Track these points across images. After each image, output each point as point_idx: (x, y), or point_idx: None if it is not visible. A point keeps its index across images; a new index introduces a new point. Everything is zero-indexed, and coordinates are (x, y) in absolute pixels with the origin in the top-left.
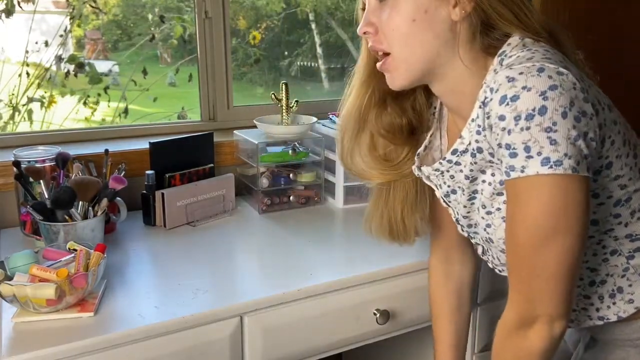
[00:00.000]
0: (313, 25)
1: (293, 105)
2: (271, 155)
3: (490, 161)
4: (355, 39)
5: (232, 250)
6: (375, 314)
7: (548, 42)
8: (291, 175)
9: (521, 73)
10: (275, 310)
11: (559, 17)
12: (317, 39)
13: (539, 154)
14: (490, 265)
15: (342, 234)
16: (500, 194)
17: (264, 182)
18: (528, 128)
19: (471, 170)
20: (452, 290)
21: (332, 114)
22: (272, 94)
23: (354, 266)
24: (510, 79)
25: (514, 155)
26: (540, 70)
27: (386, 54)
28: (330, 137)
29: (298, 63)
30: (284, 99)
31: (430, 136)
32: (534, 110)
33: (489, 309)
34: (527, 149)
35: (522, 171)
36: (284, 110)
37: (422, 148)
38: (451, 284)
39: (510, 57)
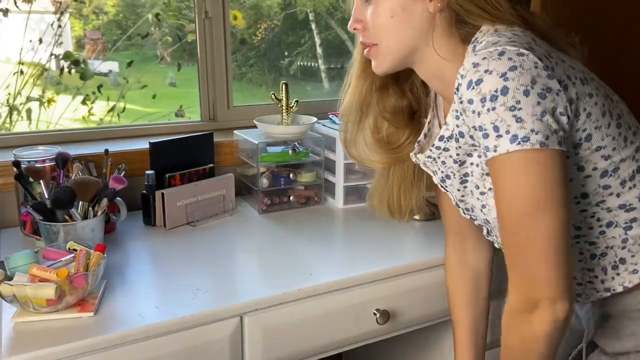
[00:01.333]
0: (313, 25)
1: (293, 105)
2: (271, 155)
3: (472, 145)
4: (355, 39)
5: (232, 250)
6: (375, 314)
7: (521, 27)
8: (291, 175)
9: (484, 58)
10: (275, 310)
11: (559, 16)
12: (317, 39)
13: (507, 132)
14: (496, 245)
15: (342, 234)
16: (489, 174)
17: (264, 182)
18: (494, 109)
19: (457, 155)
20: (468, 279)
21: (332, 114)
22: (272, 94)
23: (354, 266)
24: (475, 65)
25: (486, 136)
26: (501, 53)
27: (373, 45)
28: (331, 137)
29: (298, 63)
30: (284, 99)
31: (429, 124)
32: (496, 91)
33: (492, 307)
34: (495, 128)
35: (495, 150)
36: (284, 110)
37: (422, 136)
38: (467, 273)
39: (481, 42)
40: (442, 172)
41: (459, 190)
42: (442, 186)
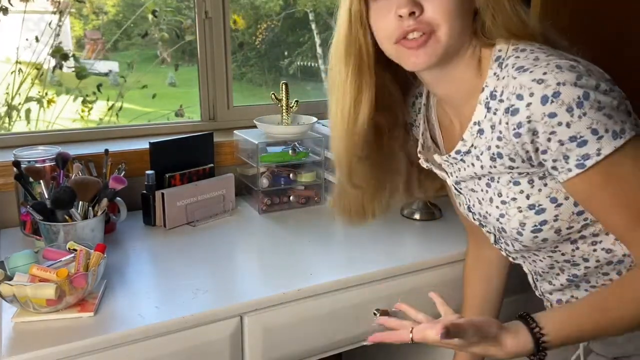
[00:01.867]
0: (313, 25)
1: (293, 105)
2: (271, 155)
3: (510, 167)
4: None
5: (232, 250)
6: (375, 314)
7: (540, 42)
8: (291, 175)
9: (545, 73)
10: (275, 310)
11: (559, 17)
12: (317, 39)
13: (606, 131)
14: (503, 253)
15: (342, 234)
16: (517, 183)
17: (264, 182)
18: (585, 114)
19: (490, 172)
20: (481, 274)
21: None
22: (272, 94)
23: (354, 266)
24: (539, 81)
25: (583, 143)
26: (558, 66)
27: (427, 33)
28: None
29: (298, 63)
30: (284, 99)
31: (422, 136)
32: (579, 97)
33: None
34: (594, 131)
35: (599, 154)
36: (284, 110)
37: (419, 147)
38: (481, 268)
39: (509, 58)
40: (457, 176)
41: (473, 190)
42: (456, 189)
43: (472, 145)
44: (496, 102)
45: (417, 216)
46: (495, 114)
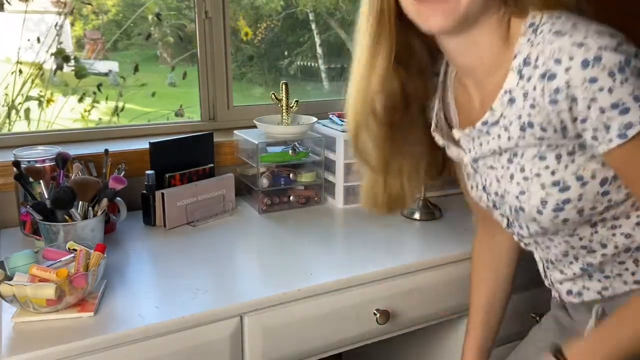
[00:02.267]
0: (313, 25)
1: (293, 105)
2: (271, 155)
3: (540, 137)
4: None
5: (232, 250)
6: (375, 314)
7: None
8: (291, 175)
9: (585, 37)
10: (275, 310)
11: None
12: (317, 39)
13: None
14: (515, 237)
15: (342, 234)
16: (542, 157)
17: (264, 182)
18: (627, 79)
19: (516, 146)
20: (493, 264)
21: (332, 114)
22: (272, 94)
23: (354, 266)
24: (580, 45)
25: (626, 111)
26: (599, 32)
27: None
28: (331, 137)
29: (298, 63)
30: (284, 99)
31: (436, 115)
32: (621, 62)
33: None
34: (636, 98)
35: None
36: (284, 110)
37: (433, 127)
38: (493, 259)
39: (544, 24)
40: (476, 152)
41: (492, 168)
42: (472, 167)
43: (502, 115)
44: (530, 68)
45: (417, 216)
46: (529, 80)
